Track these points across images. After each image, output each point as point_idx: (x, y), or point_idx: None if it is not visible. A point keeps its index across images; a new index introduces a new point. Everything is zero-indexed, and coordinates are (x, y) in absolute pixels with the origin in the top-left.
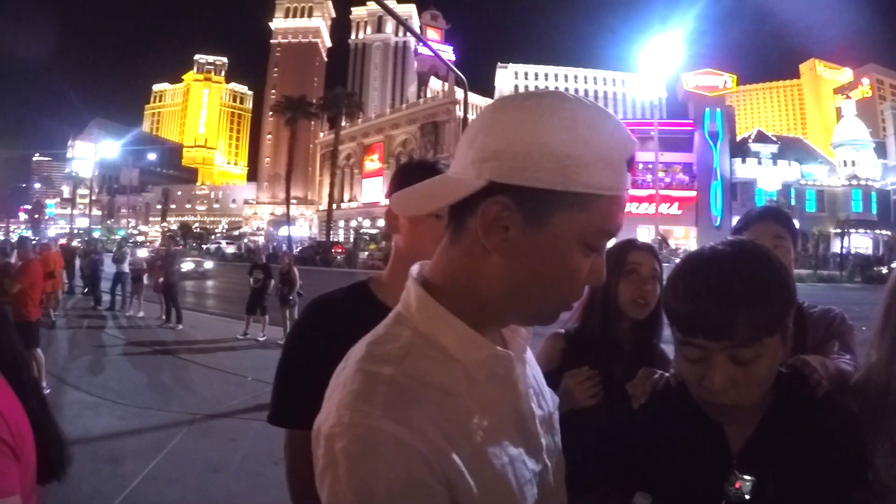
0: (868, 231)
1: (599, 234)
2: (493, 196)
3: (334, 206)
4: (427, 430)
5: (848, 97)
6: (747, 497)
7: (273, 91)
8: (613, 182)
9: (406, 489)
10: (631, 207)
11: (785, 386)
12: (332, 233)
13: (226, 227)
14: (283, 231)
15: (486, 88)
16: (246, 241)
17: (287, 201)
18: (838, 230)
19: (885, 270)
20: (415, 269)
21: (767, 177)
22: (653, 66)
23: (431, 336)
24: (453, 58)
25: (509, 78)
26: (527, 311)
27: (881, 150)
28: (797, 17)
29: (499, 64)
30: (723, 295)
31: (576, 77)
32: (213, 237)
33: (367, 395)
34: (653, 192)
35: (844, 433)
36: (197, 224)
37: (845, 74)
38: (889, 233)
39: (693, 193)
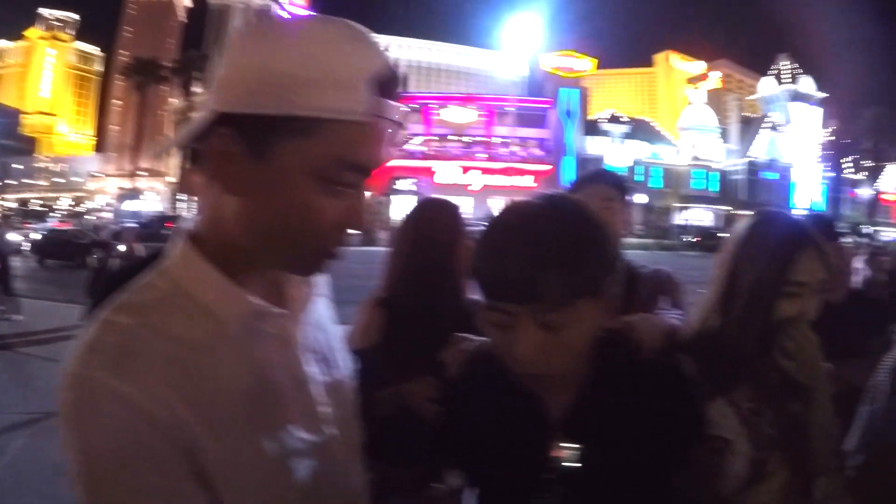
0: (708, 206)
1: (341, 166)
2: (218, 128)
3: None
4: (160, 391)
5: (697, 87)
6: (573, 465)
7: (124, 53)
8: (349, 104)
9: (136, 455)
10: (487, 179)
11: (607, 350)
12: (182, 206)
13: (72, 202)
14: (132, 205)
15: None
16: (88, 217)
17: (134, 173)
18: (680, 204)
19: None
20: (188, 220)
21: (617, 154)
22: (514, 45)
23: (188, 288)
24: None
25: None
26: (279, 258)
27: (724, 136)
28: (658, 10)
29: None
30: (530, 254)
31: (440, 50)
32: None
33: (96, 344)
34: (509, 164)
35: (676, 393)
36: (37, 200)
37: (698, 66)
38: (727, 208)
39: (548, 167)
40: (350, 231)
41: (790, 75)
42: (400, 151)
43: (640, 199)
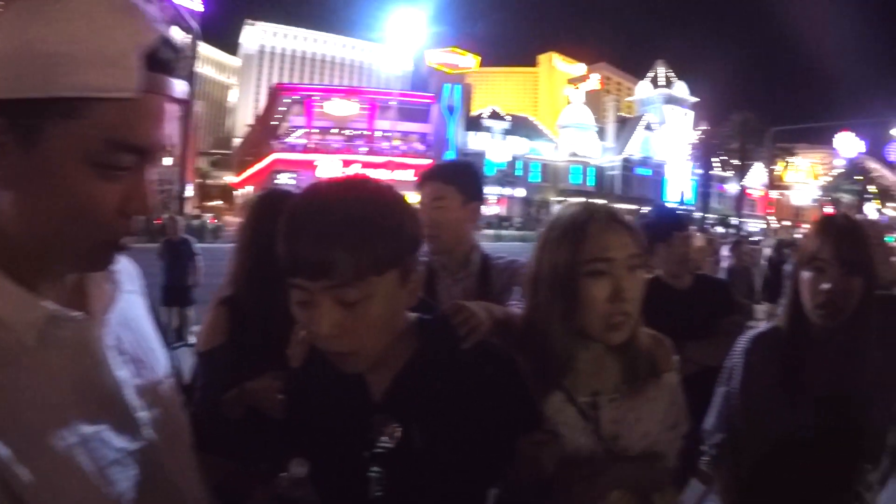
0: (585, 199)
1: (114, 147)
2: None
3: None
4: None
5: (577, 87)
6: (389, 446)
7: None
8: (118, 81)
9: None
10: (368, 173)
11: (431, 333)
12: None
13: None
14: None
15: (234, 45)
16: None
17: None
18: (558, 198)
19: None
20: None
21: (498, 150)
22: (399, 40)
23: None
24: (202, 9)
25: (257, 36)
26: (63, 256)
27: (601, 134)
28: (543, 12)
29: (247, 20)
30: (320, 232)
31: (325, 41)
32: None
33: None
34: (390, 158)
35: (500, 381)
36: None
37: (579, 68)
38: (603, 201)
39: (428, 161)
40: (136, 217)
41: (665, 80)
42: (281, 144)
43: (518, 192)
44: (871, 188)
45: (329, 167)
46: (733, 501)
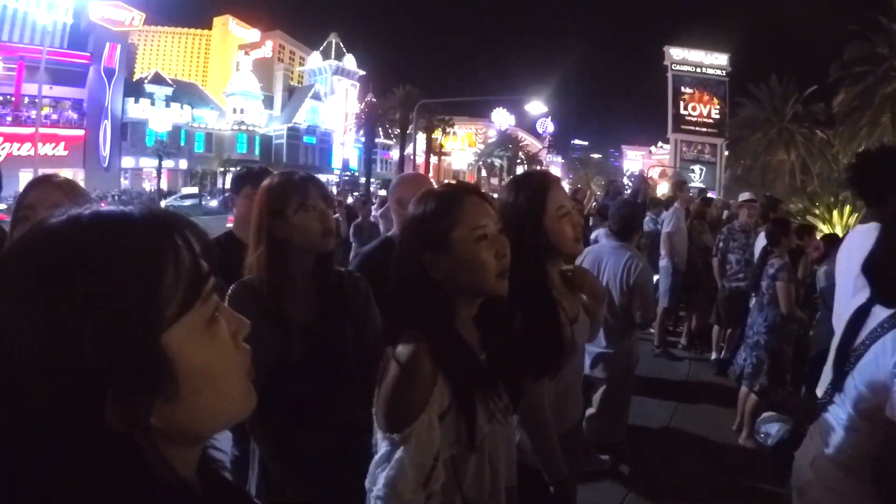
0: (253, 167)
1: None
2: None
3: None
4: None
5: (248, 54)
6: None
7: None
8: None
9: None
10: (13, 149)
11: None
12: None
13: None
14: None
15: None
16: None
17: None
18: (223, 168)
19: None
20: None
21: (159, 118)
22: None
23: None
24: None
25: None
26: None
27: (269, 103)
28: None
29: None
30: None
31: None
32: None
33: None
34: (33, 129)
35: None
36: None
37: (253, 34)
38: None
39: (81, 132)
40: None
41: (336, 52)
42: None
43: (182, 164)
44: (521, 155)
45: None
46: None
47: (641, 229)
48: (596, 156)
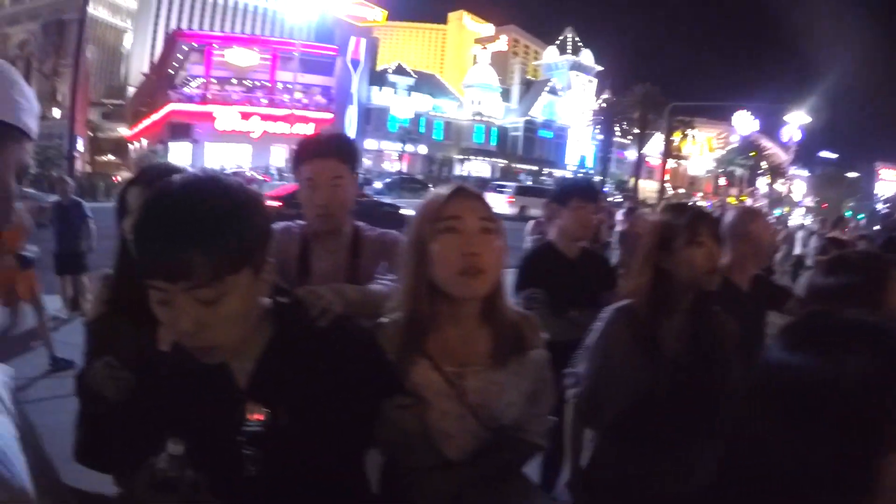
0: (487, 159)
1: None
2: None
3: None
4: None
5: (485, 48)
6: (258, 429)
7: None
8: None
9: None
10: (267, 126)
11: (287, 317)
12: None
13: None
14: None
15: None
16: None
17: None
18: (461, 156)
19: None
20: None
21: (401, 105)
22: None
23: None
24: None
25: None
26: None
27: (506, 96)
28: None
29: None
30: (173, 235)
31: None
32: None
33: None
34: (291, 111)
35: (358, 351)
36: None
37: (488, 29)
38: (505, 161)
39: (329, 116)
40: None
41: (573, 47)
42: (178, 94)
43: (421, 149)
44: (763, 164)
45: (227, 119)
46: (580, 458)
47: None
48: (852, 174)
